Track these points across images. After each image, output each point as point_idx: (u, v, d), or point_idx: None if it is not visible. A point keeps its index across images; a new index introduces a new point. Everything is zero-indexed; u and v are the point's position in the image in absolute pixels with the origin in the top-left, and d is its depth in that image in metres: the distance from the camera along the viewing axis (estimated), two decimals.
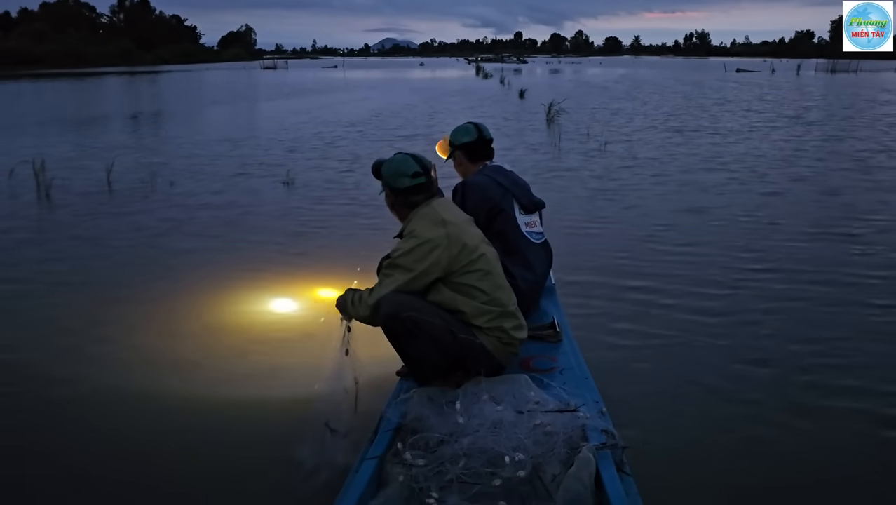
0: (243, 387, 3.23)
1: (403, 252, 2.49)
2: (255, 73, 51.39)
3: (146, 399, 3.13)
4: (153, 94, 29.28)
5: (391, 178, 2.61)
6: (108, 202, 7.32)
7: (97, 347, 3.70)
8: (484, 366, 2.45)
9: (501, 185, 3.10)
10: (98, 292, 4.58)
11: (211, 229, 6.16)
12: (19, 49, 64.30)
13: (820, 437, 2.84)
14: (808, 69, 45.67)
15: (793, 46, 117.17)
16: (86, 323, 4.03)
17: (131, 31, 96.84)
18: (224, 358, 3.57)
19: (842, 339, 3.70)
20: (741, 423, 2.94)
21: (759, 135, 12.29)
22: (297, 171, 8.56)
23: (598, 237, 5.80)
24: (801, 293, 4.36)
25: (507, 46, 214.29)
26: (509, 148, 10.28)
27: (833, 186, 7.74)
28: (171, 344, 3.73)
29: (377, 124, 14.83)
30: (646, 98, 21.93)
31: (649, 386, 3.24)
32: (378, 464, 2.04)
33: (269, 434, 2.80)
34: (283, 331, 3.89)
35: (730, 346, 3.67)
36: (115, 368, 3.45)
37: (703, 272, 4.83)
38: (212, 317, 4.11)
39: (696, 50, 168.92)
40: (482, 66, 49.63)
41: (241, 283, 4.65)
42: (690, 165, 9.19)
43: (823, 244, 5.49)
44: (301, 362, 3.34)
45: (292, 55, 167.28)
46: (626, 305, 4.23)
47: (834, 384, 3.23)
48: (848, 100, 20.72)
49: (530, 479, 1.91)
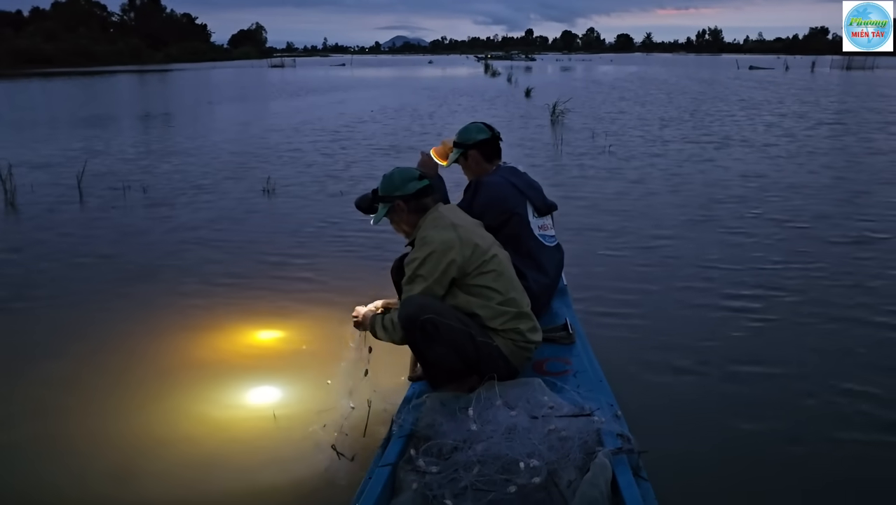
0: (243, 413, 3.09)
1: (419, 261, 2.46)
2: (262, 72, 51.10)
3: (136, 434, 2.93)
4: (146, 94, 28.11)
5: (400, 187, 2.58)
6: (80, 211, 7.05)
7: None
8: (499, 371, 2.42)
9: (516, 187, 3.07)
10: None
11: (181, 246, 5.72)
12: (30, 48, 64.70)
13: (841, 446, 2.78)
14: (823, 66, 45.15)
15: (806, 43, 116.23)
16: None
17: (142, 29, 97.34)
18: (224, 376, 3.41)
19: (870, 353, 3.58)
20: (759, 427, 2.89)
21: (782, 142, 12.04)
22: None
23: (602, 237, 5.74)
24: (826, 307, 4.20)
25: (518, 44, 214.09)
26: (505, 152, 9.83)
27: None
28: (186, 364, 3.54)
29: (347, 134, 12.84)
30: (655, 98, 21.55)
31: (665, 388, 3.20)
32: (391, 471, 2.02)
33: (276, 457, 2.70)
34: (287, 352, 3.74)
35: (748, 349, 3.62)
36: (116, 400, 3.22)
37: (713, 271, 4.79)
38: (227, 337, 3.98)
39: (708, 47, 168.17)
40: (491, 63, 49.47)
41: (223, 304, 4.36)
42: (701, 170, 9.11)
43: (844, 249, 5.41)
44: (305, 383, 3.28)
45: (303, 53, 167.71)
46: (638, 305, 4.19)
47: (858, 394, 3.16)
48: (878, 101, 19.29)
49: (546, 485, 1.89)
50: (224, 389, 3.31)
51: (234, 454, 2.77)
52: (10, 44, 63.89)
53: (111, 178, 8.55)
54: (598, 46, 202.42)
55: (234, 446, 2.82)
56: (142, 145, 11.90)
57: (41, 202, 7.38)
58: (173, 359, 3.62)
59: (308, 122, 15.39)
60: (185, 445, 2.84)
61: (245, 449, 2.80)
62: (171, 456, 2.77)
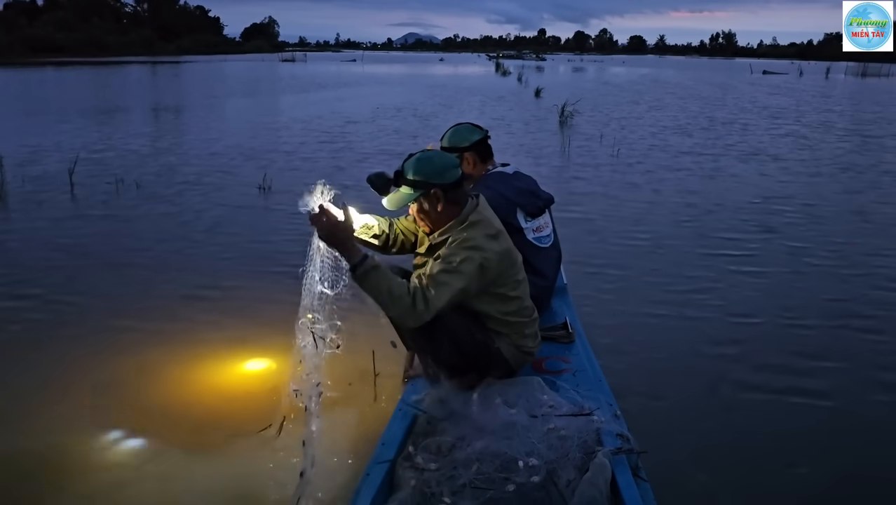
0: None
1: (463, 260, 2.23)
2: (271, 66, 50.81)
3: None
4: (152, 86, 27.51)
5: (441, 174, 2.30)
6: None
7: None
8: (499, 370, 2.41)
9: (504, 197, 2.92)
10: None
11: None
12: (43, 37, 64.98)
13: (843, 448, 2.77)
14: (837, 72, 44.82)
15: (821, 49, 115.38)
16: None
17: (155, 20, 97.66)
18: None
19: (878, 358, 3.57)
20: (760, 427, 2.88)
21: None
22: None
23: (605, 239, 5.72)
24: (828, 308, 4.20)
25: (530, 43, 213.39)
26: (508, 154, 9.46)
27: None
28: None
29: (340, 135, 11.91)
30: (669, 103, 21.03)
31: (665, 388, 3.19)
32: (389, 468, 2.01)
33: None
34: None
35: (749, 349, 3.61)
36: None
37: (717, 272, 4.77)
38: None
39: (721, 50, 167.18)
40: (502, 62, 49.44)
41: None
42: (711, 176, 9.06)
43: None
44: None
45: (315, 48, 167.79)
46: (639, 304, 4.17)
47: (861, 395, 3.15)
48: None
49: (544, 484, 1.88)
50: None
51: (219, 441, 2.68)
52: (23, 33, 64.25)
53: (104, 170, 8.32)
54: (611, 48, 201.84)
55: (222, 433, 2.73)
56: (138, 138, 11.53)
57: (30, 192, 7.19)
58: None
59: (303, 120, 14.66)
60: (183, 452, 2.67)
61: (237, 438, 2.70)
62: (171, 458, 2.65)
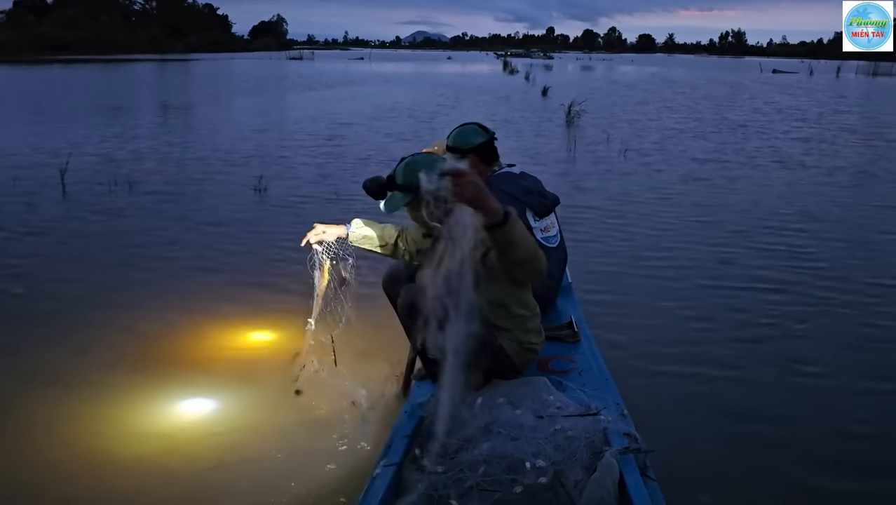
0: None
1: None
2: (279, 64, 50.78)
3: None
4: (155, 85, 27.39)
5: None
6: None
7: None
8: (503, 369, 2.39)
9: (512, 196, 2.89)
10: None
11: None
12: (52, 35, 65.28)
13: (851, 449, 2.75)
14: (848, 71, 44.54)
15: (831, 48, 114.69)
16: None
17: (163, 18, 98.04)
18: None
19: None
20: (767, 427, 2.87)
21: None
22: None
23: (610, 239, 5.69)
24: (830, 309, 4.17)
25: (539, 42, 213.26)
26: (512, 155, 9.14)
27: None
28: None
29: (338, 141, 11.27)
30: (679, 103, 20.70)
31: (672, 387, 3.18)
32: (396, 471, 1.99)
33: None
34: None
35: (756, 347, 3.59)
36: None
37: (722, 268, 4.77)
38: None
39: (731, 49, 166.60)
40: (509, 61, 49.44)
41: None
42: (714, 172, 8.98)
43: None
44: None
45: (323, 46, 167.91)
46: (645, 304, 4.16)
47: (866, 398, 3.13)
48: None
49: (552, 485, 1.86)
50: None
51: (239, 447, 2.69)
52: (32, 30, 64.60)
53: (100, 171, 8.22)
54: (620, 46, 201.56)
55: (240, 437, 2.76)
56: (135, 141, 11.11)
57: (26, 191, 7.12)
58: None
59: (305, 120, 14.52)
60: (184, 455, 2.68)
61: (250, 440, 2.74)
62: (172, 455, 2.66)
